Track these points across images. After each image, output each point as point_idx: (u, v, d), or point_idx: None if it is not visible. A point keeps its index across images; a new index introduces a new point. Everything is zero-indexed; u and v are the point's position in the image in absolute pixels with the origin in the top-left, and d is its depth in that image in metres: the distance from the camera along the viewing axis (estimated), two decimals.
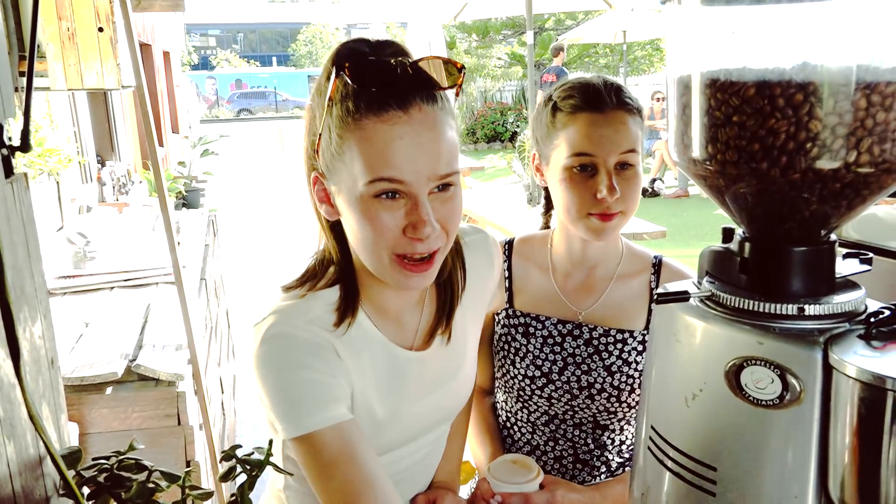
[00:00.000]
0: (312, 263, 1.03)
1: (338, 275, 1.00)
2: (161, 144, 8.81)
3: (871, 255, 0.76)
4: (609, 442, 1.31)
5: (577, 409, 1.28)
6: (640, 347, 1.26)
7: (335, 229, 0.98)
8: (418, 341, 1.06)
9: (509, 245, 1.38)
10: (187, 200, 8.17)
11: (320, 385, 0.93)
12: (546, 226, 1.43)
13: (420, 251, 0.89)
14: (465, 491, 1.40)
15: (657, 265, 1.30)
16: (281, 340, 0.94)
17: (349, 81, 0.84)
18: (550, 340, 1.29)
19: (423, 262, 0.90)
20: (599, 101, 1.16)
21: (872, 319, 0.66)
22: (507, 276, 1.35)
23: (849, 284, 0.72)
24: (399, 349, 1.03)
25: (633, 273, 1.30)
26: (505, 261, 1.36)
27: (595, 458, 1.31)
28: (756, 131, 0.64)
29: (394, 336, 1.04)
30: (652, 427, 0.79)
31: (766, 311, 0.68)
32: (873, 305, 0.70)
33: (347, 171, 0.88)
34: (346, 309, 0.98)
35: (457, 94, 0.91)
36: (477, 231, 1.17)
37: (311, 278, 1.01)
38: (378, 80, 0.84)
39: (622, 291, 1.29)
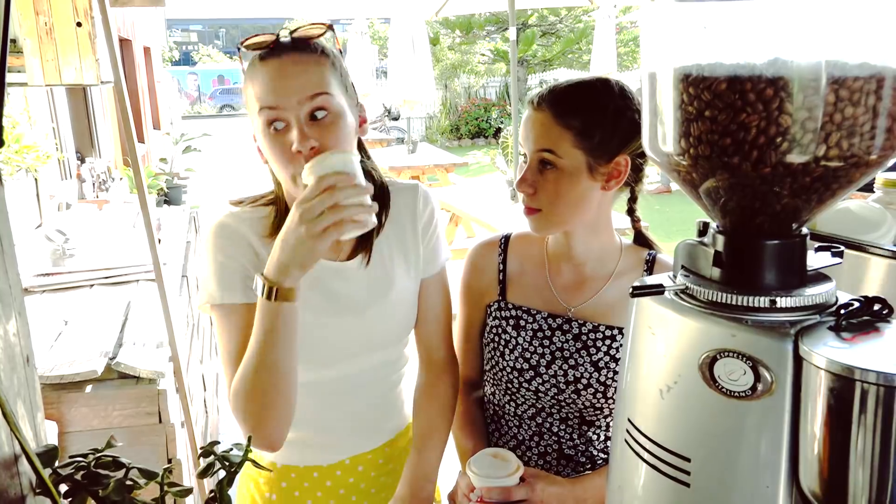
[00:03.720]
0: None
1: (273, 196, 1.24)
2: (142, 141, 8.73)
3: (842, 248, 0.77)
4: (595, 438, 1.32)
5: (563, 403, 1.29)
6: None
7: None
8: (342, 257, 1.26)
9: (506, 239, 1.40)
10: (169, 197, 8.11)
11: (243, 271, 1.17)
12: None
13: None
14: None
15: (650, 262, 1.31)
16: (223, 230, 1.20)
17: (245, 48, 1.13)
18: (540, 334, 1.30)
19: None
20: (530, 104, 1.24)
21: (842, 311, 0.67)
22: (500, 269, 1.37)
23: (820, 277, 0.73)
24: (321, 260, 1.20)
25: (627, 271, 1.31)
26: (500, 254, 1.38)
27: (580, 454, 1.32)
28: (727, 126, 0.65)
29: None
30: (628, 419, 0.80)
31: (739, 303, 0.69)
32: (844, 298, 0.71)
33: (252, 111, 1.13)
34: (278, 222, 1.19)
35: (340, 50, 1.19)
36: (410, 183, 1.36)
37: (255, 198, 1.27)
38: (266, 43, 1.12)
39: (615, 290, 1.30)
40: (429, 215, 1.33)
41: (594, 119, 1.19)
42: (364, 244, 1.25)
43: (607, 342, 1.27)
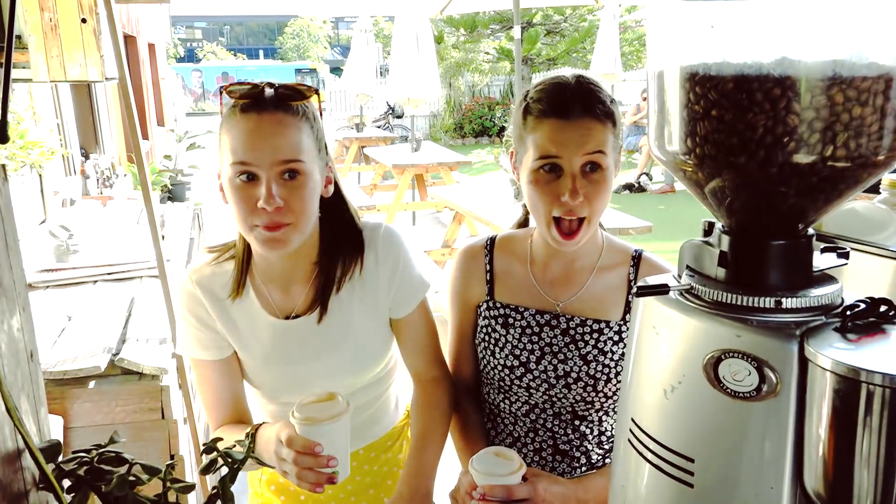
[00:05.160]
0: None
1: (237, 251, 1.30)
2: (146, 137, 8.74)
3: (848, 249, 0.77)
4: (588, 432, 1.33)
5: (554, 398, 1.30)
6: (615, 337, 1.28)
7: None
8: (295, 312, 1.32)
9: (491, 241, 1.41)
10: (173, 194, 8.11)
11: (195, 332, 1.31)
12: (525, 216, 1.47)
13: (266, 222, 1.15)
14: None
15: (637, 258, 1.31)
16: (191, 299, 1.30)
17: (227, 97, 1.16)
18: (528, 331, 1.31)
19: (275, 229, 1.15)
20: (565, 110, 1.16)
21: (848, 313, 0.66)
22: (488, 269, 1.38)
23: (826, 278, 0.73)
24: (270, 318, 1.30)
25: (612, 266, 1.31)
26: (486, 255, 1.39)
27: (574, 449, 1.33)
28: (734, 125, 0.65)
29: (279, 303, 1.32)
30: (632, 419, 0.79)
31: (744, 304, 0.69)
32: (850, 299, 0.71)
33: (224, 159, 1.17)
34: (238, 283, 1.29)
35: (320, 111, 1.23)
36: (374, 226, 1.35)
37: (224, 249, 1.33)
38: (247, 94, 1.15)
39: (600, 283, 1.30)
40: (393, 260, 1.32)
41: (613, 106, 1.20)
42: (318, 301, 1.29)
43: (595, 336, 1.28)
